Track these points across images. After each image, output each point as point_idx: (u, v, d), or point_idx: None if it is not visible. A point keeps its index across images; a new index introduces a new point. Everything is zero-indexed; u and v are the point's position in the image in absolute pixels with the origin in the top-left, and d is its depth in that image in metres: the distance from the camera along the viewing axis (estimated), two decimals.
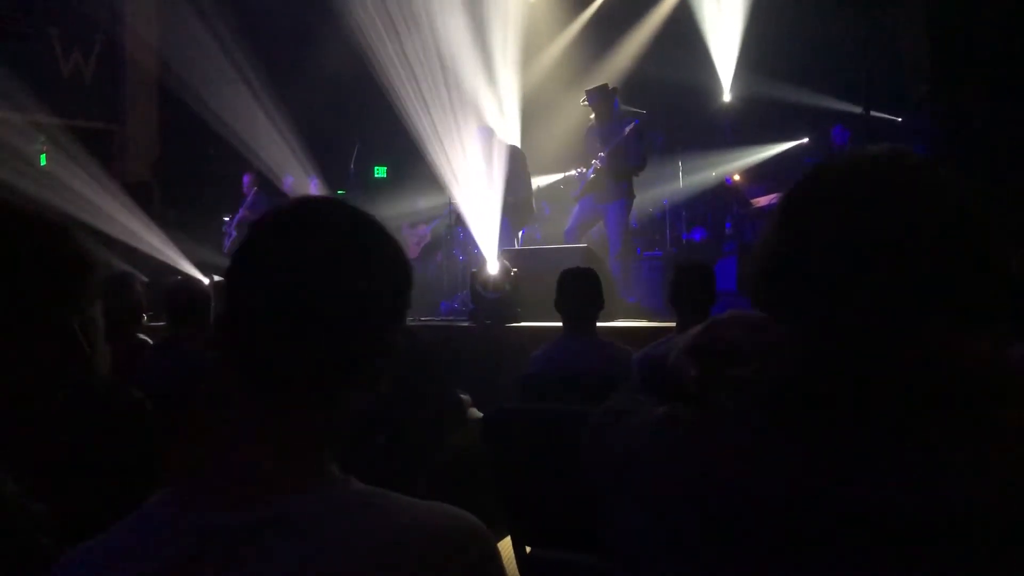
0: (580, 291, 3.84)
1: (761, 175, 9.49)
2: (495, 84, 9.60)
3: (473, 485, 3.31)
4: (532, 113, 9.88)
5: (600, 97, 7.33)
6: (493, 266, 6.91)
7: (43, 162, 9.06)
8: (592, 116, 7.48)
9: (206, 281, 5.48)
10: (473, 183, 8.59)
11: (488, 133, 8.04)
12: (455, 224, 8.85)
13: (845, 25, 7.30)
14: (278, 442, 0.96)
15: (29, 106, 8.84)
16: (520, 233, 8.33)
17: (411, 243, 10.33)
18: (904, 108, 8.18)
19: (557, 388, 3.55)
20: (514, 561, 2.92)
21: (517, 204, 7.75)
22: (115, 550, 0.92)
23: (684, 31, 9.77)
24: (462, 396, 4.34)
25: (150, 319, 5.67)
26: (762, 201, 8.13)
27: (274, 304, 0.95)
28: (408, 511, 0.97)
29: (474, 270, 7.03)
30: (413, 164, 9.19)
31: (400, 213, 10.02)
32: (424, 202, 9.79)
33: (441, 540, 0.95)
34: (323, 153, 9.68)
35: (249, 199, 9.40)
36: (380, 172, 10.11)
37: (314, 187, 9.27)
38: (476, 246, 7.93)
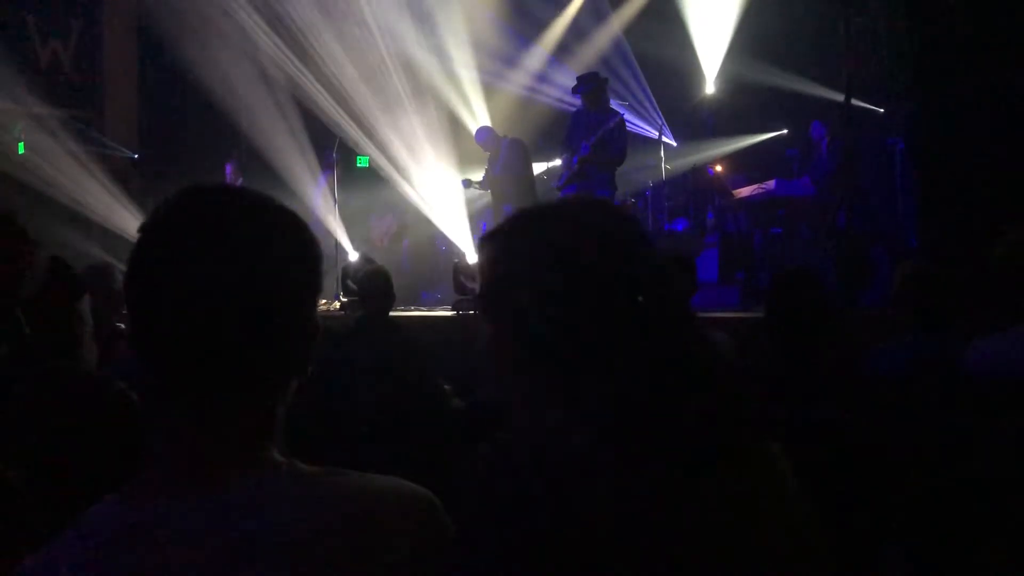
0: None
1: (743, 165, 9.52)
2: (460, 76, 9.70)
3: (453, 473, 3.32)
4: (500, 102, 9.98)
5: (591, 85, 7.35)
6: (473, 256, 6.96)
7: (21, 151, 8.96)
8: (581, 103, 7.52)
9: None
10: (434, 178, 8.71)
11: (487, 131, 8.21)
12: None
13: (828, 15, 7.32)
14: (215, 433, 0.95)
15: (7, 95, 8.74)
16: (483, 227, 8.48)
17: (379, 233, 10.31)
18: (887, 99, 8.23)
19: None
20: None
21: (520, 194, 7.88)
22: (66, 560, 0.91)
23: (666, 20, 9.77)
24: (444, 387, 4.35)
25: None
26: (744, 192, 8.15)
27: (181, 306, 0.91)
28: (354, 485, 0.97)
29: (456, 260, 7.05)
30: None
31: (380, 203, 10.00)
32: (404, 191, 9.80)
33: (388, 506, 0.96)
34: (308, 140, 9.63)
35: None
36: (363, 161, 10.06)
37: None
38: (476, 235, 8.10)
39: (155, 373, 0.95)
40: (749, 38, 9.33)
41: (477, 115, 9.81)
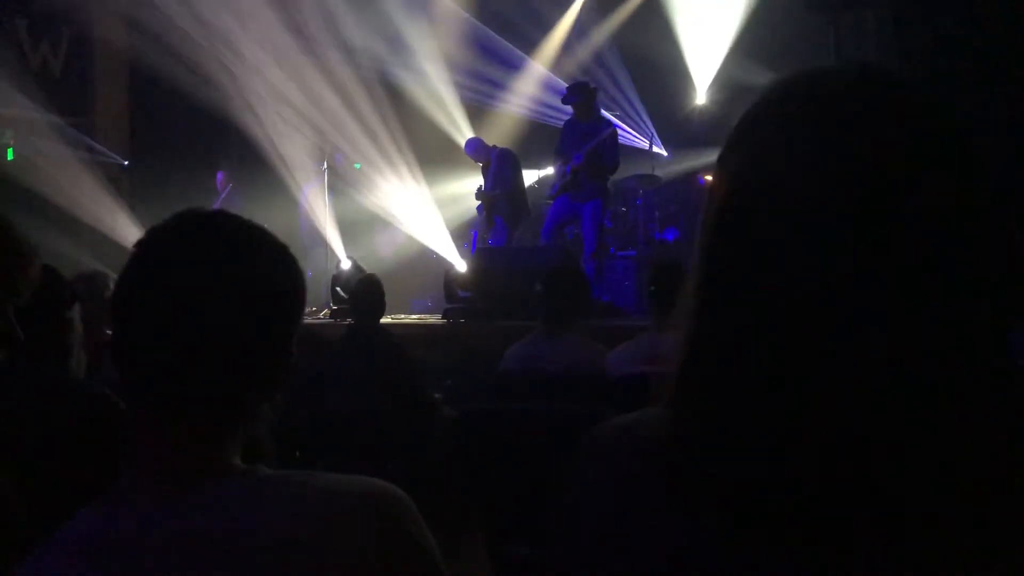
0: (564, 289, 3.92)
1: None
2: (442, 93, 9.77)
3: (445, 484, 3.32)
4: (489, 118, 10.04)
5: (581, 95, 7.37)
6: (462, 265, 6.98)
7: (10, 156, 8.93)
8: (572, 112, 7.55)
9: None
10: (414, 194, 8.77)
11: (477, 142, 8.23)
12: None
13: (818, 24, 7.37)
14: (185, 445, 0.97)
15: None
16: (473, 235, 8.53)
17: (385, 243, 10.31)
18: None
19: (532, 387, 3.56)
20: (487, 558, 2.93)
21: (510, 204, 7.87)
22: (49, 571, 0.93)
23: (656, 27, 9.80)
24: (435, 395, 4.34)
25: None
26: None
27: (161, 325, 0.96)
28: (320, 484, 0.99)
29: (448, 268, 7.06)
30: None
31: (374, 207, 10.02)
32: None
33: (355, 505, 0.97)
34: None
35: (223, 195, 9.31)
36: (355, 165, 10.06)
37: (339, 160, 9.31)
38: (467, 243, 8.12)
39: (130, 385, 0.99)
40: (740, 47, 9.38)
41: (463, 130, 9.87)
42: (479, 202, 8.23)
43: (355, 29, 9.30)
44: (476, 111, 10.20)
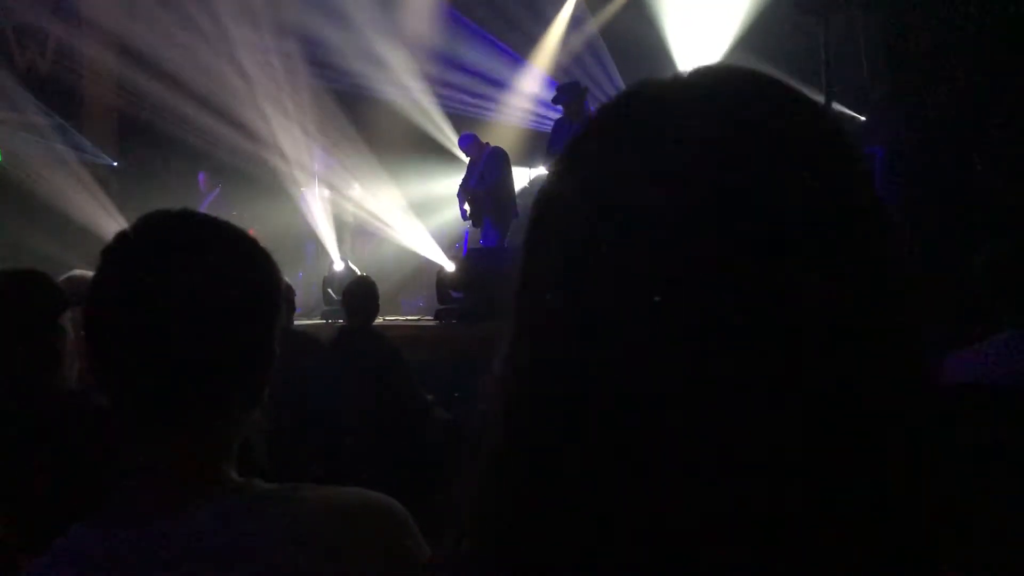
0: None
1: None
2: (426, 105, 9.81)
3: (438, 486, 3.31)
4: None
5: (571, 94, 7.37)
6: (451, 266, 6.99)
7: None
8: (562, 112, 7.56)
9: None
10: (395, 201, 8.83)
11: (471, 138, 8.22)
12: None
13: (808, 25, 7.37)
14: (176, 459, 0.95)
15: None
16: (465, 236, 8.55)
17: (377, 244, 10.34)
18: (868, 107, 8.29)
19: None
20: None
21: (500, 204, 7.85)
22: None
23: (642, 33, 9.82)
24: (428, 397, 4.34)
25: None
26: None
27: (137, 332, 0.93)
28: (318, 499, 0.97)
29: (440, 269, 7.05)
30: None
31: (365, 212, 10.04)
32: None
33: (354, 520, 0.96)
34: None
35: (210, 198, 9.24)
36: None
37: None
38: (459, 244, 8.15)
39: (115, 398, 0.97)
40: (732, 49, 9.39)
41: (449, 135, 9.91)
42: (460, 199, 8.21)
43: (342, 40, 9.32)
44: (471, 121, 10.21)
